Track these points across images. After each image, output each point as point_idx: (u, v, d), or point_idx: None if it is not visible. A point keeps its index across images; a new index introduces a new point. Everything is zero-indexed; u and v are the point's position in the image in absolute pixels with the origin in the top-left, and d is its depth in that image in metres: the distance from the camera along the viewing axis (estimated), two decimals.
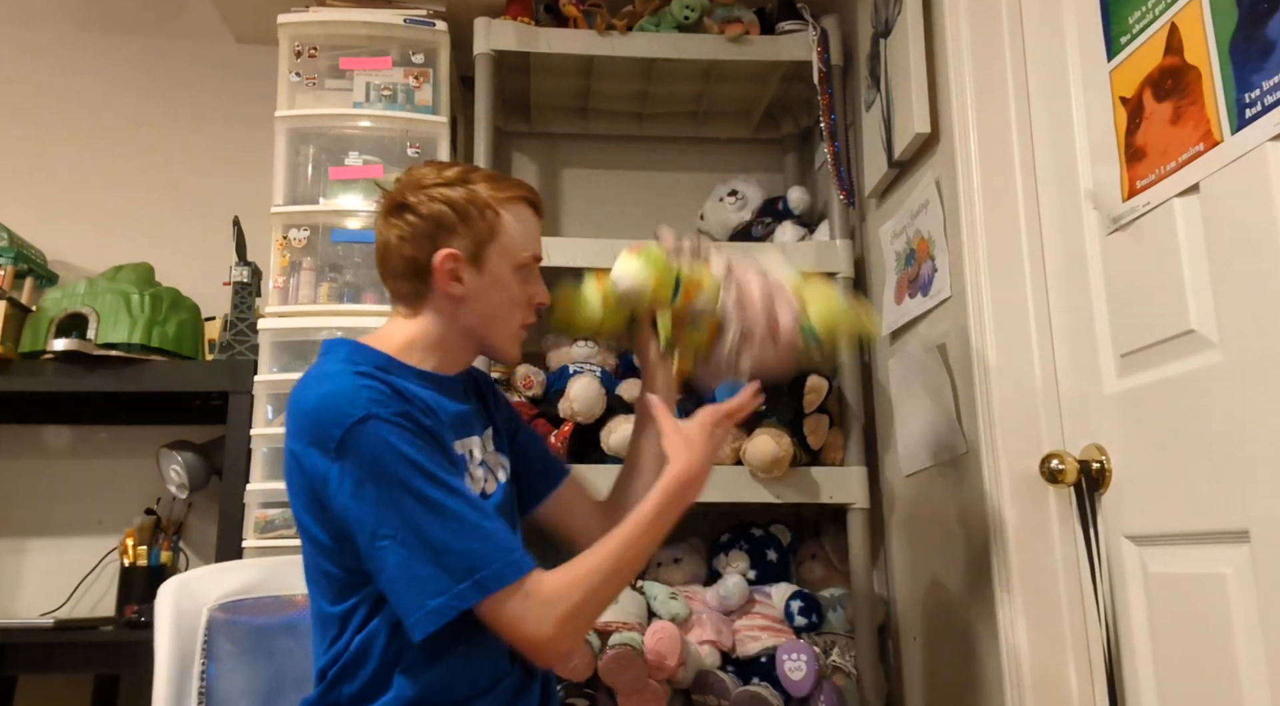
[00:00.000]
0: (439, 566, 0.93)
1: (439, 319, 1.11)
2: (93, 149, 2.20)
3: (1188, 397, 1.06)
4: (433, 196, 1.09)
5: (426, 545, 0.93)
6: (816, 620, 1.73)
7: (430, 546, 0.93)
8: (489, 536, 0.96)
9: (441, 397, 1.09)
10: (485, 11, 1.96)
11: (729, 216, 2.10)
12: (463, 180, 1.10)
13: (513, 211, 1.12)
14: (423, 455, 0.97)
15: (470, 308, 1.10)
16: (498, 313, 1.12)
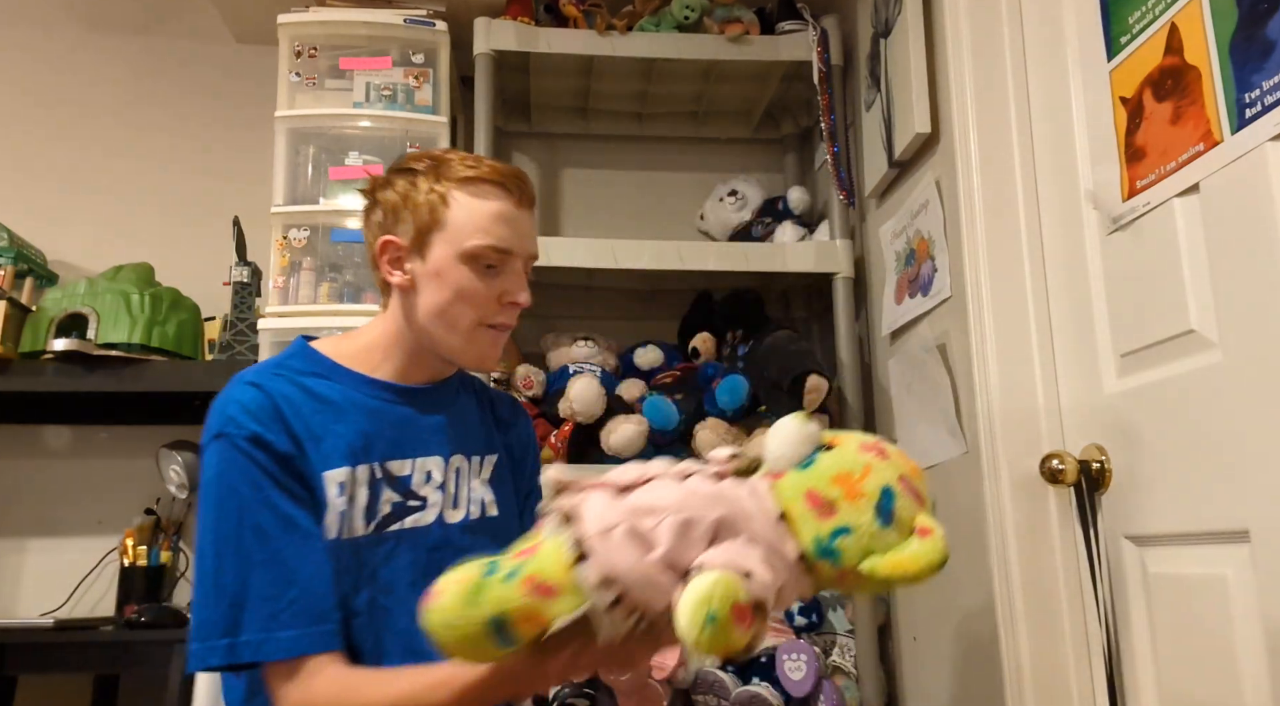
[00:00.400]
0: (215, 610, 0.88)
1: (396, 317, 1.05)
2: (93, 149, 2.20)
3: (1188, 397, 1.06)
4: (388, 182, 1.04)
5: (216, 584, 0.89)
6: (816, 620, 1.73)
7: (218, 586, 0.89)
8: (281, 598, 0.88)
9: (391, 407, 1.02)
10: (485, 11, 1.96)
11: (729, 216, 2.10)
12: (429, 165, 1.03)
13: (468, 193, 1.01)
14: (255, 490, 0.91)
15: (419, 302, 1.02)
16: (444, 307, 1.01)
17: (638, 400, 1.84)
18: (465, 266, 1.00)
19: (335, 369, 1.03)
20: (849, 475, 0.73)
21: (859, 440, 0.76)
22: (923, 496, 0.75)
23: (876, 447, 0.75)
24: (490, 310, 1.03)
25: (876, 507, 0.72)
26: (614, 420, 1.76)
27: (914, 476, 0.75)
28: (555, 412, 1.81)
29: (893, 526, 0.72)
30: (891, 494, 0.72)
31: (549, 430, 1.82)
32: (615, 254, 1.86)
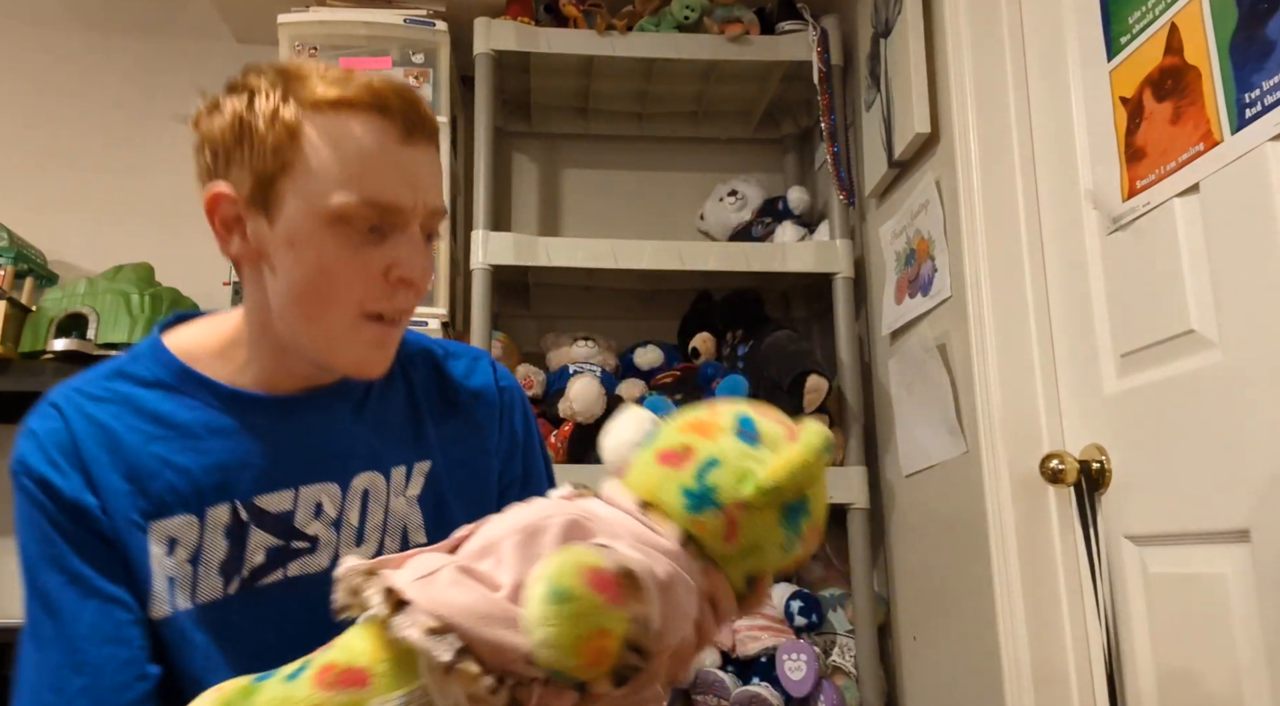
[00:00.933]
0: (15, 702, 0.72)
1: (251, 303, 0.78)
2: (93, 148, 2.20)
3: (1188, 397, 1.06)
4: (215, 106, 0.76)
5: (19, 665, 0.73)
6: (816, 620, 1.73)
7: (19, 668, 0.73)
8: (65, 691, 0.70)
9: (262, 426, 0.79)
10: (485, 11, 1.96)
11: (729, 216, 2.10)
12: (275, 79, 0.74)
13: (328, 124, 0.71)
14: (43, 546, 0.73)
15: (270, 282, 0.75)
16: (301, 290, 0.73)
17: (638, 400, 1.84)
18: (329, 231, 0.71)
19: (187, 377, 0.79)
20: (696, 420, 0.61)
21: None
22: (787, 423, 0.62)
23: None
24: (372, 292, 0.73)
25: (737, 432, 0.60)
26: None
27: (771, 410, 0.63)
28: (555, 412, 1.81)
29: (762, 444, 0.60)
30: (749, 418, 0.61)
31: (549, 430, 1.82)
32: (615, 254, 1.86)
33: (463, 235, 2.00)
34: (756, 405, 0.63)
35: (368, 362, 0.77)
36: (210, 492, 0.75)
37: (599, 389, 1.77)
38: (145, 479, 0.75)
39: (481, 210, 1.86)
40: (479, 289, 1.81)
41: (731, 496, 0.57)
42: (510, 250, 1.84)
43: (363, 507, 0.80)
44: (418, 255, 0.74)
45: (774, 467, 0.57)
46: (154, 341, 0.82)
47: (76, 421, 0.76)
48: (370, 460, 0.81)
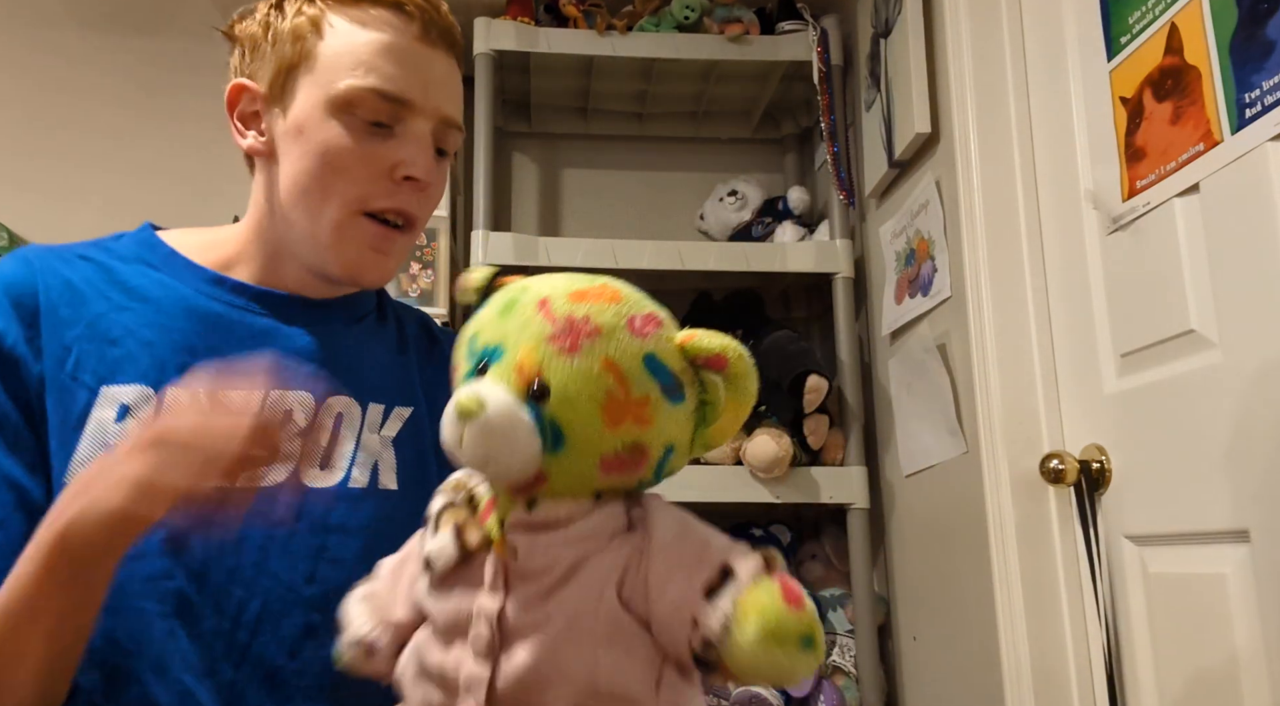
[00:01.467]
0: None
1: (257, 202, 0.77)
2: (93, 147, 2.20)
3: (1188, 397, 1.06)
4: (250, 11, 0.78)
5: None
6: None
7: None
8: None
9: (239, 315, 0.75)
10: (485, 11, 1.96)
11: (729, 216, 2.10)
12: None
13: (350, 18, 0.73)
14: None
15: (279, 176, 0.74)
16: (305, 180, 0.72)
17: None
18: (337, 118, 0.71)
19: (172, 258, 0.76)
20: (613, 397, 0.50)
21: (548, 343, 0.51)
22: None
23: (569, 332, 0.51)
24: (376, 188, 0.73)
25: (664, 392, 0.52)
26: None
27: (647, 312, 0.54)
28: None
29: (681, 390, 0.54)
30: (651, 357, 0.52)
31: None
32: (615, 254, 1.86)
33: (463, 235, 2.00)
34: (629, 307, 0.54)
35: (365, 265, 0.75)
36: (172, 372, 0.70)
37: None
38: (105, 343, 0.70)
39: (481, 210, 1.86)
40: None
41: (682, 464, 0.59)
42: (510, 250, 1.84)
43: (334, 431, 0.75)
44: (424, 154, 0.74)
45: (721, 430, 0.60)
46: (143, 228, 0.80)
47: (43, 275, 0.72)
48: (350, 385, 0.77)
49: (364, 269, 0.76)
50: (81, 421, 0.68)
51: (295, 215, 0.74)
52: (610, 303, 0.53)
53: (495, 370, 0.51)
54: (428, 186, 0.75)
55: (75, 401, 0.68)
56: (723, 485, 1.75)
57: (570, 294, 0.53)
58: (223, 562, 0.67)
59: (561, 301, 0.52)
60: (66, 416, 0.68)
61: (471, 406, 0.49)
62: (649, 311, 0.55)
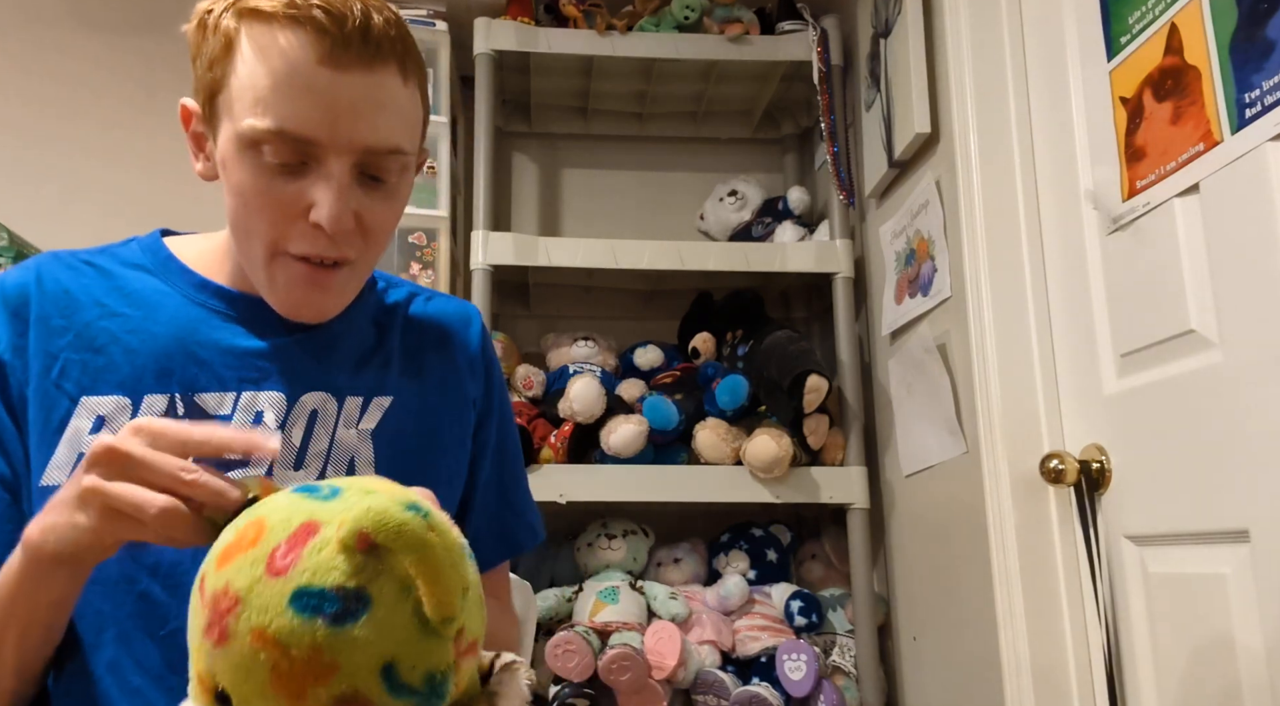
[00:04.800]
0: None
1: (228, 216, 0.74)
2: (93, 147, 2.20)
3: (1188, 397, 1.06)
4: (193, 13, 0.71)
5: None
6: (816, 620, 1.73)
7: None
8: None
9: (214, 319, 0.75)
10: (485, 11, 1.96)
11: (729, 216, 2.10)
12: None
13: (260, 37, 0.65)
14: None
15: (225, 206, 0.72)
16: (233, 218, 0.71)
17: (638, 400, 1.84)
18: (246, 157, 0.66)
19: (167, 263, 0.77)
20: (278, 666, 0.41)
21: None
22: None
23: (216, 618, 0.43)
24: (289, 231, 0.68)
25: (336, 629, 0.41)
26: (614, 420, 1.76)
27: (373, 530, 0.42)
28: (555, 412, 1.81)
29: (356, 614, 0.42)
30: (305, 593, 0.42)
31: (549, 430, 1.82)
32: (615, 254, 1.86)
33: (463, 235, 2.00)
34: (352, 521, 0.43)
35: (299, 303, 0.72)
36: (151, 378, 0.71)
37: (599, 389, 1.77)
38: (91, 351, 0.71)
39: (481, 210, 1.86)
40: (479, 289, 1.81)
41: (448, 656, 0.48)
42: (510, 250, 1.84)
43: (307, 429, 0.73)
44: (334, 198, 0.66)
45: (431, 603, 0.44)
46: (152, 235, 0.81)
47: (45, 282, 0.73)
48: (323, 378, 0.75)
49: (299, 307, 0.73)
50: (60, 428, 0.69)
51: (237, 250, 0.73)
52: (250, 548, 0.44)
53: (190, 687, 0.45)
54: (342, 233, 0.68)
55: (57, 409, 0.69)
56: (723, 485, 1.75)
57: (218, 558, 0.45)
58: (194, 564, 0.62)
59: (211, 574, 0.44)
60: (48, 423, 0.69)
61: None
62: (297, 525, 0.44)
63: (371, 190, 0.70)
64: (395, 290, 0.87)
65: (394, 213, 0.74)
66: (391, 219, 0.74)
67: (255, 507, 0.47)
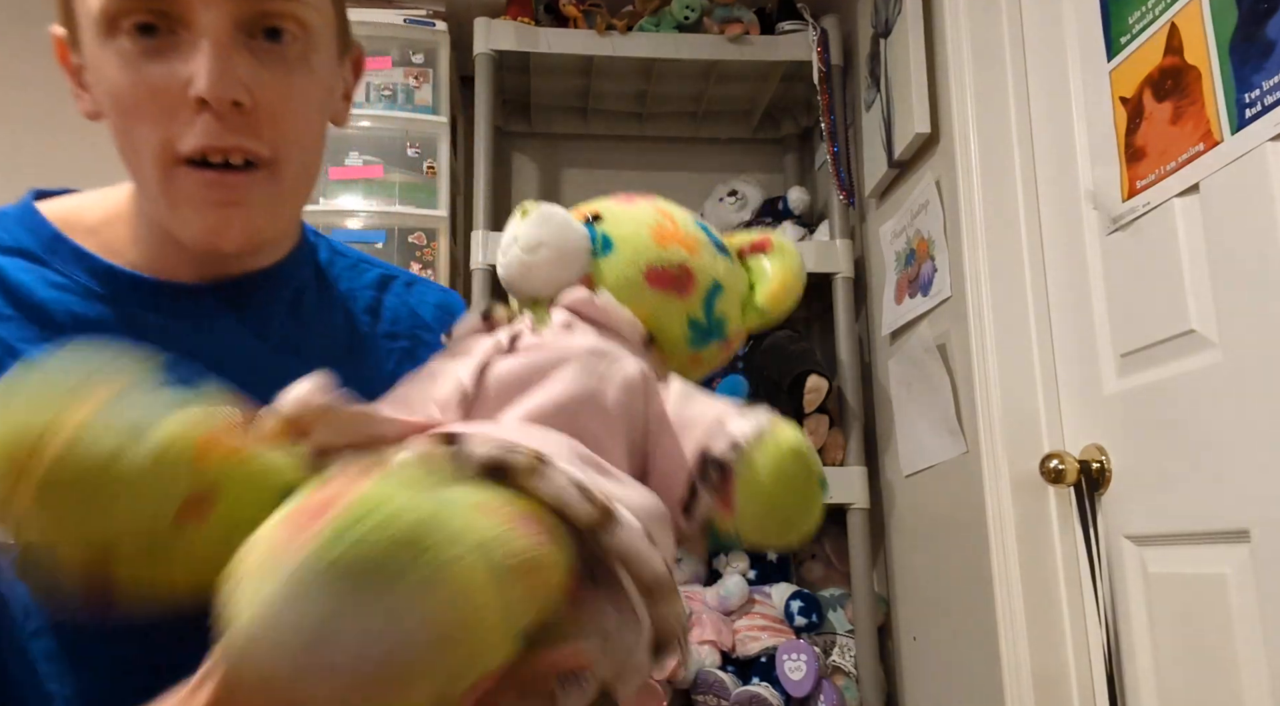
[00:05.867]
0: None
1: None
2: (93, 148, 2.20)
3: (1188, 397, 1.06)
4: None
5: None
6: (816, 620, 1.73)
7: None
8: None
9: (136, 316, 0.60)
10: (485, 11, 1.96)
11: (729, 216, 2.10)
12: None
13: None
14: None
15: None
16: (117, 138, 0.58)
17: None
18: (107, 49, 0.55)
19: (58, 245, 0.61)
20: (669, 230, 0.53)
21: (606, 204, 0.55)
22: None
23: (630, 196, 0.57)
24: (171, 123, 0.55)
25: (715, 246, 0.55)
26: None
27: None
28: None
29: (730, 256, 0.56)
30: (702, 224, 0.56)
31: None
32: None
33: (463, 235, 2.00)
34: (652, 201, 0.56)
35: (208, 226, 0.57)
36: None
37: None
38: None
39: (481, 210, 1.86)
40: (479, 289, 1.81)
41: (736, 328, 0.55)
42: None
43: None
44: (208, 57, 0.53)
45: (773, 292, 0.55)
46: (24, 203, 0.64)
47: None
48: (275, 386, 0.59)
49: (210, 231, 0.57)
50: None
51: (133, 182, 0.59)
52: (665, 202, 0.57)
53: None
54: (234, 112, 0.54)
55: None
56: None
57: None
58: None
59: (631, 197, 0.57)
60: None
61: (529, 204, 0.52)
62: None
63: (266, 56, 0.56)
64: (370, 269, 0.74)
65: (306, 92, 0.58)
66: (304, 101, 0.59)
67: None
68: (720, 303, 0.53)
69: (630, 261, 0.51)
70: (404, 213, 1.87)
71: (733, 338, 0.55)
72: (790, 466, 0.44)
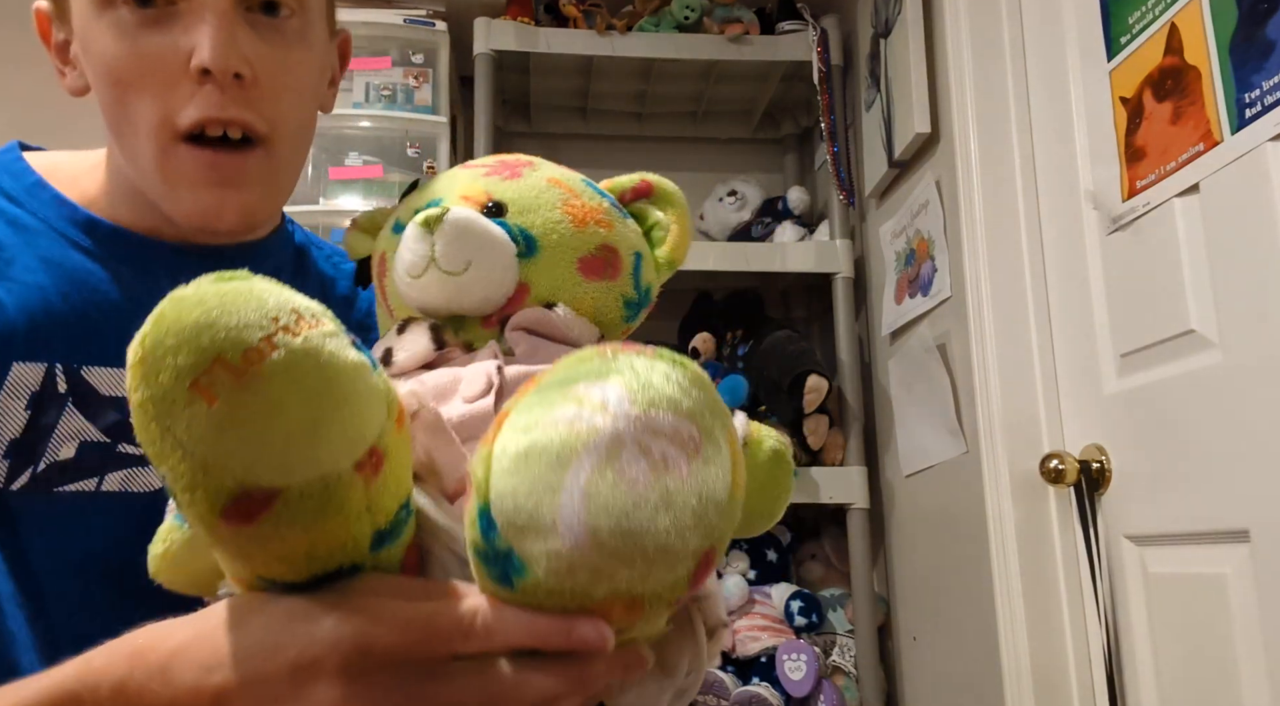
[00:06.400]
0: None
1: (107, 137, 0.61)
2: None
3: (1188, 397, 1.06)
4: None
5: None
6: (816, 620, 1.73)
7: None
8: None
9: (103, 267, 0.59)
10: (485, 11, 1.96)
11: (729, 216, 2.10)
12: None
13: None
14: None
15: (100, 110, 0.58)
16: (109, 113, 0.57)
17: None
18: (102, 18, 0.54)
19: (38, 191, 0.61)
20: (571, 205, 0.50)
21: (494, 184, 0.51)
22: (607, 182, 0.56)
23: (502, 167, 0.52)
24: (171, 96, 0.54)
25: (613, 207, 0.53)
26: None
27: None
28: None
29: (625, 211, 0.54)
30: (588, 181, 0.54)
31: None
32: None
33: None
34: (544, 170, 0.53)
35: (204, 207, 0.56)
36: (22, 342, 0.54)
37: None
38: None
39: None
40: None
41: (656, 289, 0.55)
42: None
43: None
44: (212, 28, 0.52)
45: (676, 244, 0.55)
46: (9, 148, 0.63)
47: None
48: None
49: (206, 211, 0.56)
50: None
51: (123, 156, 0.58)
52: (529, 157, 0.53)
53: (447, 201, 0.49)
54: (235, 84, 0.54)
55: None
56: None
57: (491, 156, 0.54)
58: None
59: (485, 158, 0.53)
60: None
61: (435, 214, 0.45)
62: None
63: (264, 30, 0.56)
64: (348, 262, 0.72)
65: (303, 67, 0.58)
66: (301, 77, 0.58)
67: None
68: (644, 272, 0.53)
69: (559, 258, 0.49)
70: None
71: (654, 299, 0.55)
72: (774, 470, 0.47)
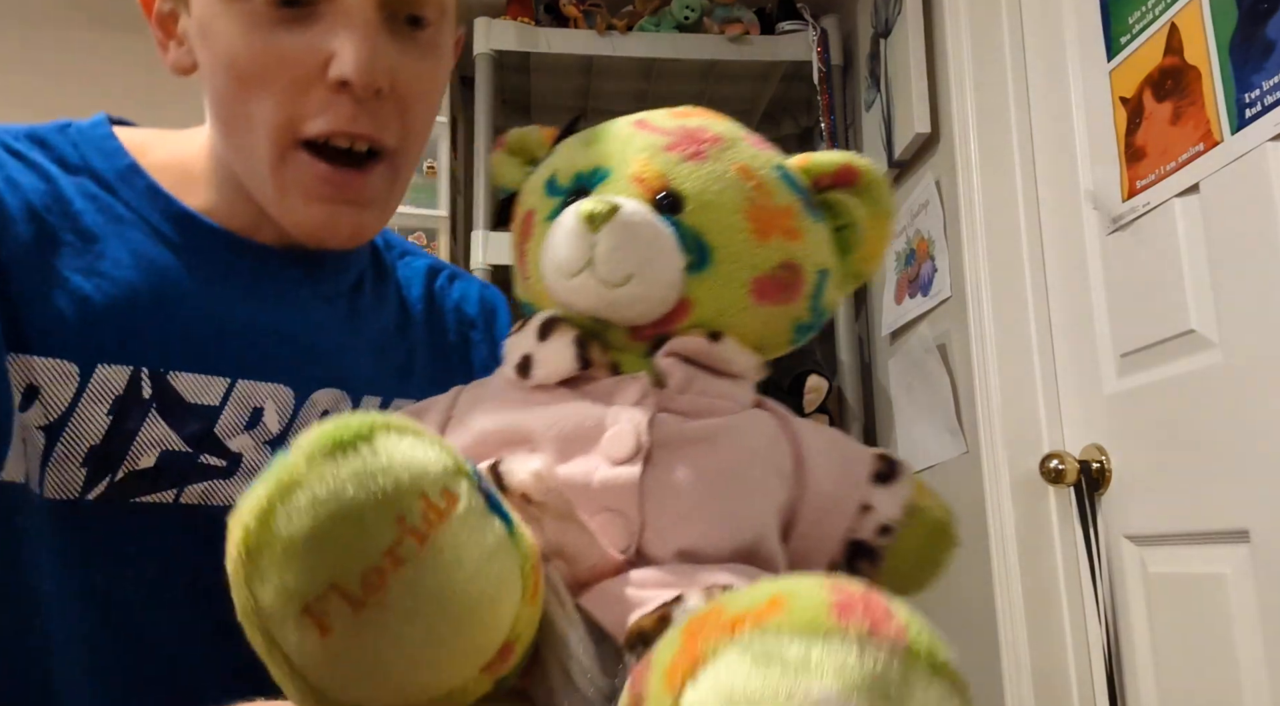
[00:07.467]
0: None
1: (209, 122, 0.57)
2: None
3: (1188, 397, 1.06)
4: None
5: None
6: None
7: None
8: None
9: (204, 263, 0.55)
10: (485, 11, 1.96)
11: None
12: None
13: None
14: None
15: (207, 99, 0.55)
16: (220, 102, 0.53)
17: None
18: (234, 8, 0.50)
19: (131, 176, 0.56)
20: (756, 205, 0.43)
21: (671, 164, 0.44)
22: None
23: (687, 139, 0.44)
24: (302, 101, 0.51)
25: (805, 206, 0.45)
26: None
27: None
28: None
29: (820, 213, 0.46)
30: (780, 167, 0.46)
31: None
32: None
33: (463, 235, 2.00)
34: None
35: (318, 222, 0.53)
36: (109, 342, 0.50)
37: None
38: (18, 293, 0.49)
39: (481, 210, 1.86)
40: None
41: (835, 307, 0.49)
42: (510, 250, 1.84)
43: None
44: (358, 38, 0.49)
45: (872, 253, 0.48)
46: (98, 122, 0.58)
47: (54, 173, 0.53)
48: (340, 373, 0.58)
49: (322, 227, 0.54)
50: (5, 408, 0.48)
51: (230, 152, 0.55)
52: (717, 117, 0.46)
53: (604, 189, 0.41)
54: (374, 100, 0.51)
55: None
56: None
57: (670, 113, 0.46)
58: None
59: (663, 117, 0.45)
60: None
61: (601, 208, 0.38)
62: (756, 134, 0.47)
63: (406, 42, 0.53)
64: (416, 259, 0.71)
65: (436, 80, 0.56)
66: (434, 90, 0.56)
67: None
68: (826, 293, 0.46)
69: (733, 276, 0.42)
70: (404, 212, 1.86)
71: (829, 318, 0.49)
72: (939, 541, 0.45)
